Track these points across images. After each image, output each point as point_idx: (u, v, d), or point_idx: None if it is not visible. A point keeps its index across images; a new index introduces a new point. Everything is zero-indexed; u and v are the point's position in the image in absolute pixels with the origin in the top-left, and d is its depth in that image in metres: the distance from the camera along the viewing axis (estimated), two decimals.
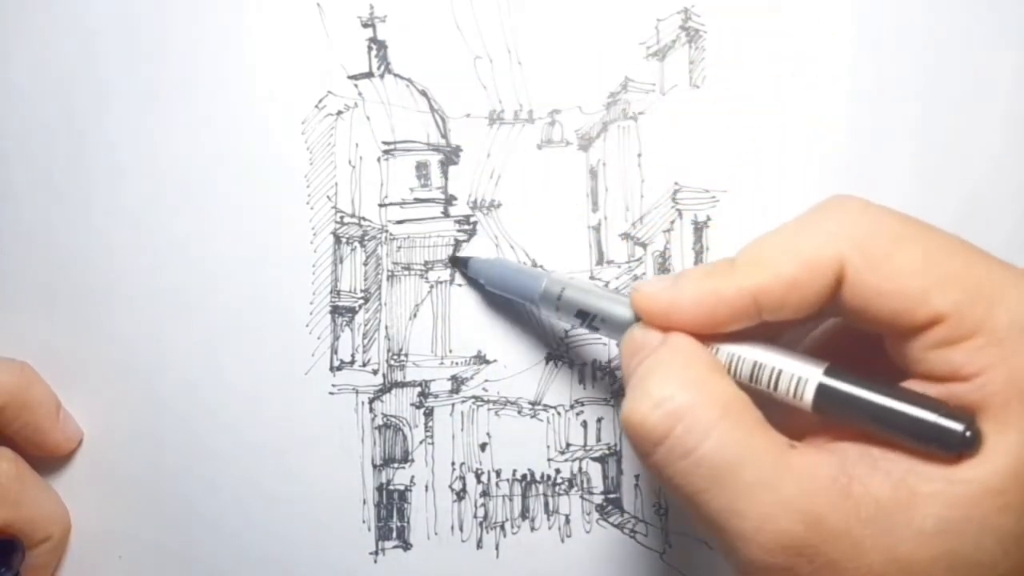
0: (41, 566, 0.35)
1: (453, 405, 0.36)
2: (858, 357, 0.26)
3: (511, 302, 0.35)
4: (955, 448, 0.22)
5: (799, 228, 0.25)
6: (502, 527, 0.36)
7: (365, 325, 0.36)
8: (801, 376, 0.25)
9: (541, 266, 0.36)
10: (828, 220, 0.25)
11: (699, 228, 0.35)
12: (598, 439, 0.36)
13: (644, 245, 0.36)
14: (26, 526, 0.34)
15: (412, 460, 0.36)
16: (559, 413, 0.36)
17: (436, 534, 0.36)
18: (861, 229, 0.24)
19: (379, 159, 0.36)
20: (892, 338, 0.25)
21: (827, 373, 0.24)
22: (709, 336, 0.26)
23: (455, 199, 0.36)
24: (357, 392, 0.36)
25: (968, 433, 0.22)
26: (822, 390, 0.24)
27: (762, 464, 0.23)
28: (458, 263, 0.36)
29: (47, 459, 0.36)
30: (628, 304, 0.28)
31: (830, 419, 0.25)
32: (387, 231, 0.36)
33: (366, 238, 0.36)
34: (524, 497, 0.36)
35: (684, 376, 0.25)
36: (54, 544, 0.35)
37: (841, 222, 0.25)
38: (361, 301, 0.36)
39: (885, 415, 0.23)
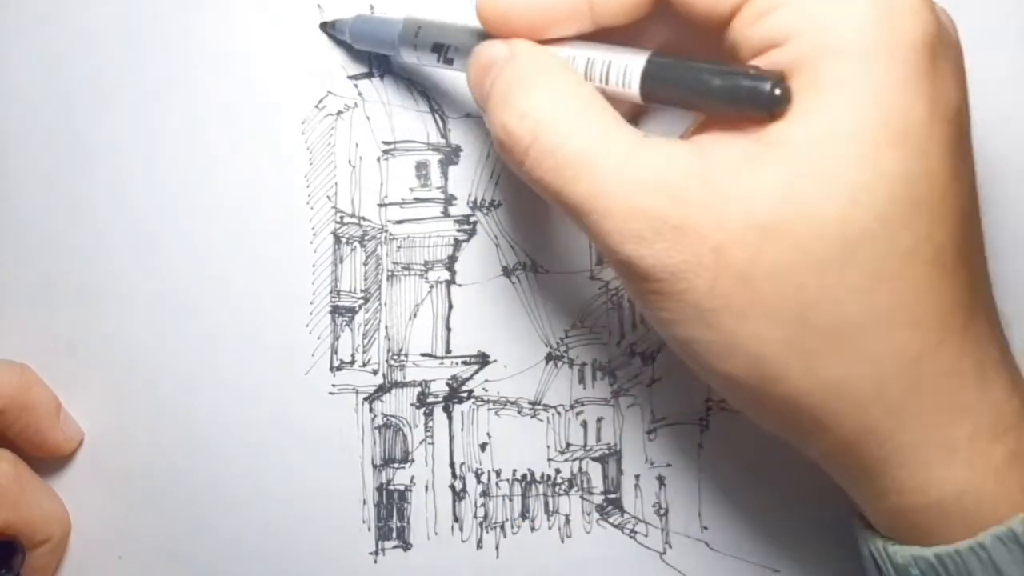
0: (41, 567, 0.35)
1: (453, 405, 0.36)
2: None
3: (511, 298, 0.36)
4: (767, 107, 0.23)
5: None
6: (502, 527, 0.36)
7: (365, 325, 0.36)
8: (628, 63, 0.26)
9: (537, 263, 0.36)
10: None
11: None
12: (598, 439, 0.36)
13: None
14: (26, 527, 0.34)
15: (412, 460, 0.36)
16: (559, 413, 0.36)
17: (436, 534, 0.36)
18: None
19: (379, 159, 0.36)
20: (718, 27, 0.26)
21: (652, 57, 0.26)
22: (545, 41, 0.27)
23: (455, 199, 0.36)
24: (357, 392, 0.36)
25: (777, 91, 0.23)
26: (648, 72, 0.25)
27: (621, 150, 0.25)
28: (326, 27, 0.35)
29: (47, 460, 0.36)
30: (477, 32, 0.29)
31: (658, 102, 0.26)
32: (387, 231, 0.36)
33: (366, 238, 0.36)
34: (524, 497, 0.36)
35: (542, 84, 0.26)
36: (54, 545, 0.35)
37: None
38: (361, 301, 0.36)
39: (704, 87, 0.24)
